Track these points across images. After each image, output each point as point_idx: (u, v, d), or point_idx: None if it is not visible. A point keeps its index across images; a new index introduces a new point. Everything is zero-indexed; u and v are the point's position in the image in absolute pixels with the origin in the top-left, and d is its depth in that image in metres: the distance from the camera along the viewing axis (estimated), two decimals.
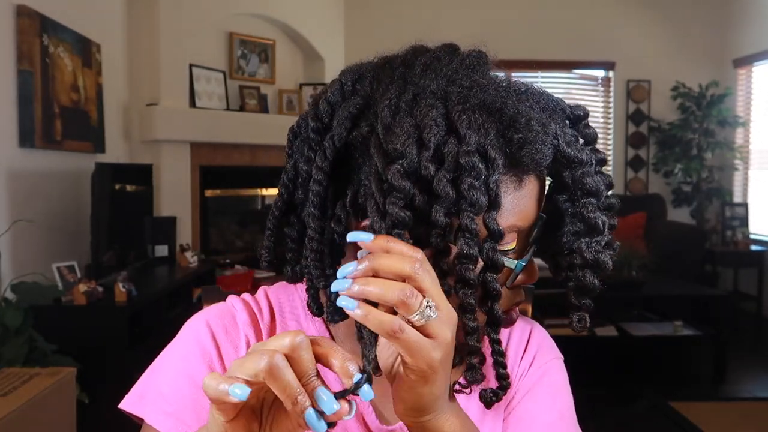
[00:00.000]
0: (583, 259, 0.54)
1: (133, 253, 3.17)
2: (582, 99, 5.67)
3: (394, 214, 0.48)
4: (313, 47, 4.81)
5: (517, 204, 0.54)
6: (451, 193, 0.49)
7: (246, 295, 0.70)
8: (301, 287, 0.68)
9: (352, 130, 0.54)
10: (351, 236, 0.48)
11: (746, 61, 5.15)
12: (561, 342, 0.79)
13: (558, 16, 5.38)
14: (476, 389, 0.59)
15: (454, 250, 0.51)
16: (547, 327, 0.78)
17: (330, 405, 0.41)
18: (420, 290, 0.45)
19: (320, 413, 0.42)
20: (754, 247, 4.85)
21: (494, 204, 0.51)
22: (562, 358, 0.74)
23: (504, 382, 0.58)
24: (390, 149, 0.50)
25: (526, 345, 0.72)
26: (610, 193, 0.55)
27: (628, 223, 4.72)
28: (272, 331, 0.66)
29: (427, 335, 0.46)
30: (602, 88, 5.61)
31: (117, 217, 2.96)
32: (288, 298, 0.69)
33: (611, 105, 5.57)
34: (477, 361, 0.55)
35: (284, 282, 0.70)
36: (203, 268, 3.54)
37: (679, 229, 4.94)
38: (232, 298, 0.69)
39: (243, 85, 4.37)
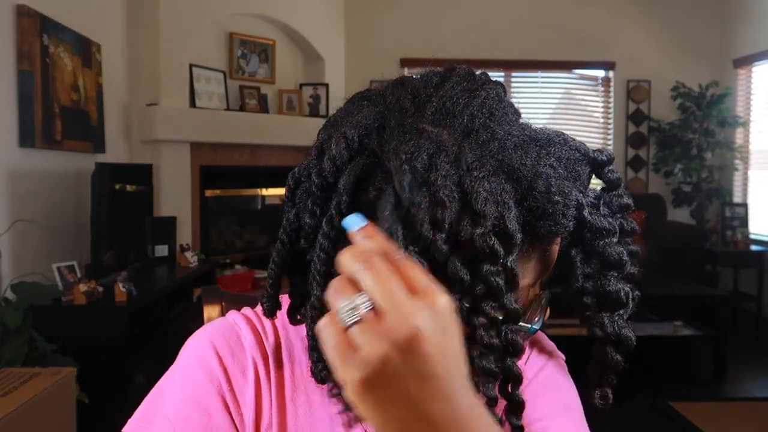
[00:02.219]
0: (605, 335, 0.52)
1: (133, 253, 3.17)
2: (582, 99, 5.67)
3: None
4: (313, 47, 4.80)
5: (532, 268, 0.53)
6: (465, 278, 0.46)
7: (247, 311, 0.67)
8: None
9: (358, 194, 0.51)
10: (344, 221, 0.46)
11: (746, 61, 5.15)
12: (560, 342, 0.79)
13: (558, 16, 5.38)
14: None
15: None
16: (546, 327, 0.78)
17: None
18: (358, 288, 0.39)
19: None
20: (754, 247, 4.85)
21: (512, 285, 0.47)
22: (563, 357, 0.74)
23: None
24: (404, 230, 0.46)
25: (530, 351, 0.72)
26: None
27: None
28: (277, 353, 0.64)
29: (351, 345, 0.39)
30: (602, 88, 5.61)
31: (117, 217, 2.96)
32: None
33: (611, 105, 5.57)
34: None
35: (285, 296, 0.68)
36: (203, 268, 3.54)
37: (679, 229, 4.93)
38: (234, 315, 0.66)
39: (243, 85, 4.37)
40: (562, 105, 5.58)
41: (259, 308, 0.68)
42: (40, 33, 2.74)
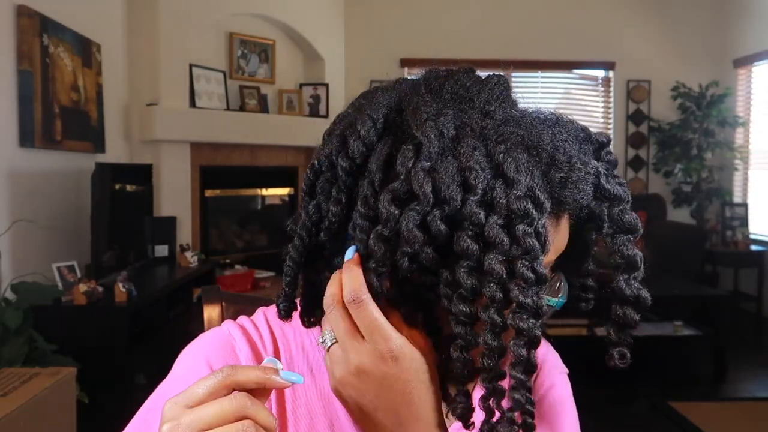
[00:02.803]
0: (624, 297, 0.53)
1: (133, 253, 3.17)
2: (582, 99, 5.68)
3: (423, 257, 0.49)
4: (313, 47, 4.80)
5: (555, 242, 0.54)
6: (505, 240, 0.47)
7: (244, 320, 0.65)
8: None
9: (388, 173, 0.51)
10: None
11: (746, 61, 5.15)
12: (560, 342, 0.79)
13: (558, 16, 5.38)
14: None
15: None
16: (547, 327, 0.78)
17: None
18: None
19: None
20: (754, 247, 4.85)
21: (545, 248, 0.48)
22: (567, 371, 0.74)
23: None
24: (429, 192, 0.47)
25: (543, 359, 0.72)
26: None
27: None
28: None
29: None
30: (602, 88, 5.61)
31: (117, 217, 2.96)
32: (291, 324, 0.64)
33: (611, 105, 5.57)
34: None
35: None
36: (203, 268, 3.54)
37: (679, 229, 4.94)
38: (228, 324, 0.64)
39: (243, 85, 4.37)
40: (562, 105, 5.58)
41: (255, 315, 0.66)
42: (40, 33, 2.74)
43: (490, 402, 0.50)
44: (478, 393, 0.52)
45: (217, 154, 4.15)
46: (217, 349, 0.61)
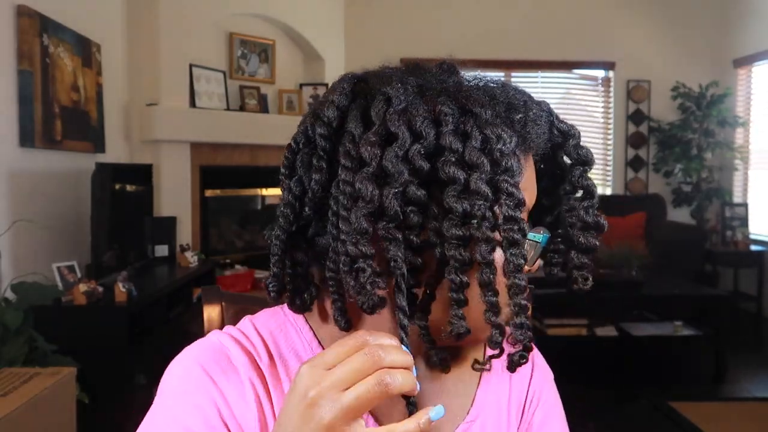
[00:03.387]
0: (584, 223, 0.57)
1: (133, 253, 3.17)
2: (582, 99, 5.68)
3: (410, 193, 0.50)
4: (313, 47, 4.81)
5: (525, 183, 0.56)
6: (485, 161, 0.50)
7: (232, 330, 0.62)
8: (291, 313, 0.64)
9: (367, 128, 0.54)
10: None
11: (746, 61, 5.15)
12: (561, 342, 0.79)
13: (558, 16, 5.38)
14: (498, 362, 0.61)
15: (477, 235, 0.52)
16: (547, 327, 0.78)
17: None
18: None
19: None
20: (754, 247, 4.85)
21: (520, 171, 0.53)
22: (551, 373, 0.77)
23: (527, 343, 0.56)
24: (406, 130, 0.51)
25: (532, 369, 0.73)
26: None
27: (628, 223, 4.72)
28: (274, 373, 0.60)
29: None
30: (602, 88, 5.61)
31: (117, 217, 2.96)
32: (281, 330, 0.63)
33: (611, 105, 5.57)
34: (520, 322, 0.53)
35: (268, 309, 0.65)
36: (203, 268, 3.54)
37: (679, 229, 4.94)
38: (216, 335, 0.61)
39: (243, 85, 4.37)
40: (562, 105, 5.58)
41: (242, 324, 0.64)
42: (40, 33, 2.74)
43: (492, 318, 0.52)
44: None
45: (217, 154, 4.15)
46: (210, 358, 0.58)
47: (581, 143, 0.58)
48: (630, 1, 5.43)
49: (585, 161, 0.58)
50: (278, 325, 0.63)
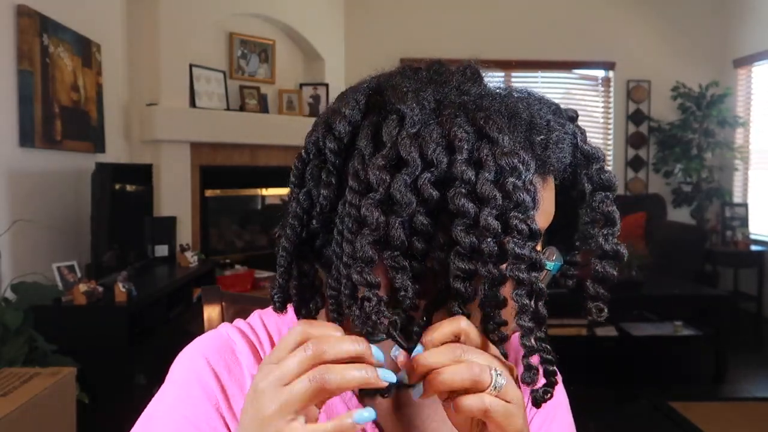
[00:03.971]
0: (603, 251, 0.55)
1: (133, 253, 3.17)
2: (582, 99, 5.68)
3: (417, 223, 0.49)
4: (313, 47, 4.80)
5: (544, 206, 0.55)
6: (497, 194, 0.49)
7: (240, 323, 0.64)
8: None
9: (377, 148, 0.52)
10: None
11: (746, 61, 5.15)
12: (561, 342, 0.79)
13: (558, 16, 5.38)
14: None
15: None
16: (547, 327, 0.78)
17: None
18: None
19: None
20: (754, 247, 4.85)
21: (535, 204, 0.51)
22: (559, 375, 0.75)
23: (552, 378, 0.56)
24: (417, 157, 0.49)
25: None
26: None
27: (628, 223, 4.71)
28: None
29: (505, 401, 0.48)
30: (602, 88, 5.61)
31: (117, 217, 2.96)
32: (288, 325, 0.64)
33: (611, 105, 5.57)
34: (536, 361, 0.54)
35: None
36: (203, 268, 3.54)
37: (679, 229, 4.94)
38: (226, 327, 0.63)
39: (243, 85, 4.37)
40: (562, 105, 5.55)
41: (251, 318, 0.66)
42: (40, 33, 2.74)
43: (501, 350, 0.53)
44: None
45: (217, 154, 4.15)
46: (216, 350, 0.60)
47: (605, 167, 0.55)
48: (630, 1, 5.43)
49: (607, 186, 0.55)
50: (286, 320, 0.64)
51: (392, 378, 0.46)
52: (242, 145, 4.26)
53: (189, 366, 0.59)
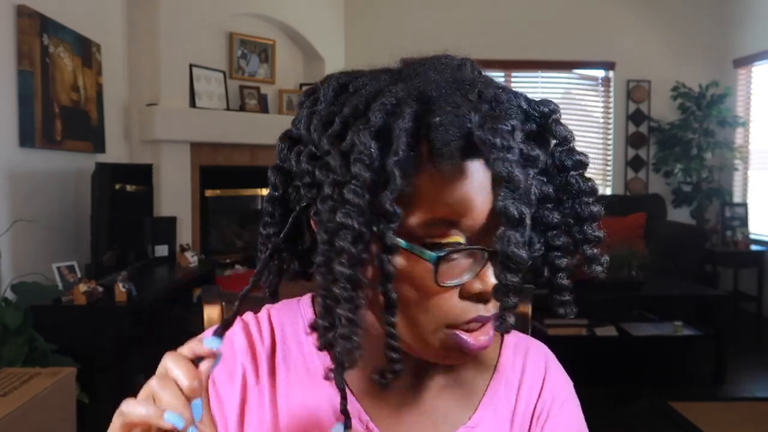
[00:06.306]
0: (587, 239, 0.55)
1: (133, 253, 3.17)
2: (582, 99, 5.68)
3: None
4: (313, 47, 4.81)
5: (448, 195, 0.50)
6: (339, 166, 0.51)
7: (248, 316, 0.67)
8: (305, 304, 0.67)
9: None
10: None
11: (746, 61, 5.15)
12: (561, 342, 0.79)
13: (558, 16, 5.38)
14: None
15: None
16: (547, 327, 0.78)
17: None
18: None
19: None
20: (754, 247, 4.85)
21: (390, 184, 0.48)
22: (575, 394, 0.70)
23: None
24: (305, 133, 0.58)
25: (542, 384, 0.68)
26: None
27: (628, 223, 4.71)
28: (272, 356, 0.64)
29: None
30: (602, 88, 5.61)
31: (117, 217, 2.96)
32: (291, 318, 0.67)
33: (611, 105, 5.57)
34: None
35: (287, 300, 0.69)
36: (203, 268, 3.54)
37: (679, 229, 4.93)
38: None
39: (243, 85, 4.37)
40: (562, 105, 5.43)
41: (261, 312, 0.68)
42: (40, 33, 2.74)
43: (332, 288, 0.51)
44: None
45: (217, 154, 4.15)
46: None
47: (504, 156, 0.47)
48: (630, 1, 5.43)
49: (580, 165, 0.54)
50: (291, 314, 0.67)
51: (179, 423, 0.44)
52: (242, 145, 4.26)
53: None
